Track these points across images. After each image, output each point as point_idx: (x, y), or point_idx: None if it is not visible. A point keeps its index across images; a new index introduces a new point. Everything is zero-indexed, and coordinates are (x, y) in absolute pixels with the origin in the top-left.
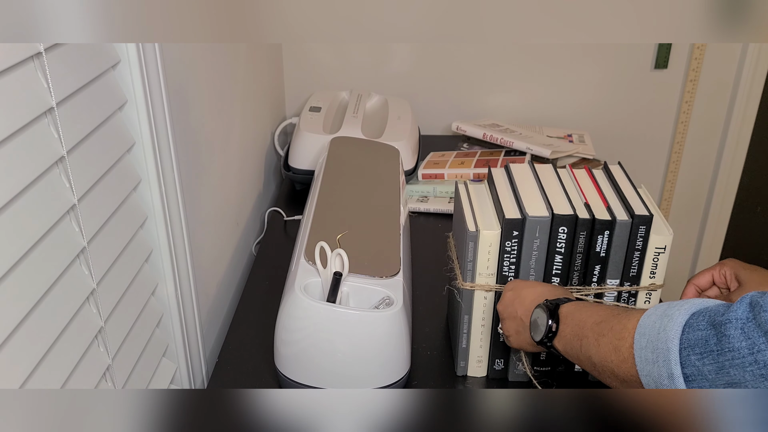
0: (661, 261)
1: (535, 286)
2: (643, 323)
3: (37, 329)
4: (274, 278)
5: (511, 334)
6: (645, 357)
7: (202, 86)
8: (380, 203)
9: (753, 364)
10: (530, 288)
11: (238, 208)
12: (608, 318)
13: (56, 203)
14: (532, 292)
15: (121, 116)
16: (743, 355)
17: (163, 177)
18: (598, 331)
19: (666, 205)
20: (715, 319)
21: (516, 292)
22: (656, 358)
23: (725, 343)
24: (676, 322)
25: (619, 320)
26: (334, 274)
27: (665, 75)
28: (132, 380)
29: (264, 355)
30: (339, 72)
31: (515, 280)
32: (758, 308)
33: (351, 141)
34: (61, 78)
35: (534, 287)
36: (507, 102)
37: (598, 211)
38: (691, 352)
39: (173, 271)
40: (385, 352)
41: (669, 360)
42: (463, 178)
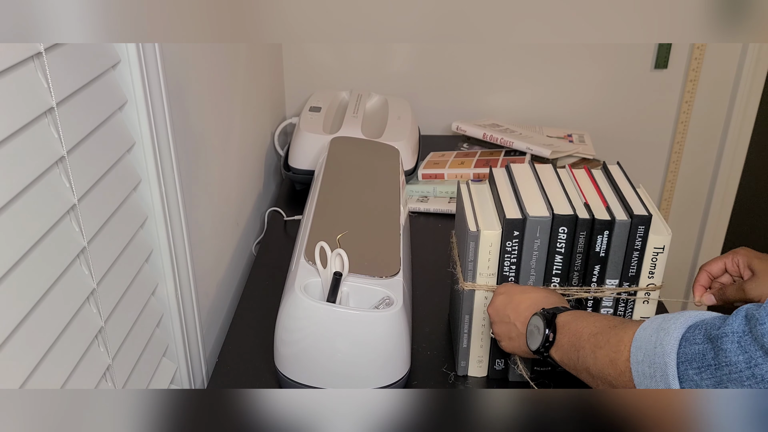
0: (660, 261)
1: (529, 291)
2: (639, 336)
3: (37, 329)
4: (274, 278)
5: (503, 338)
6: (642, 371)
7: (202, 86)
8: (380, 203)
9: (750, 378)
10: (524, 294)
11: (238, 208)
12: (605, 329)
13: (56, 203)
14: (526, 298)
15: (121, 116)
16: (740, 369)
17: (163, 177)
18: (594, 343)
19: (666, 205)
20: (712, 333)
21: (508, 296)
22: (653, 372)
23: (722, 357)
24: (672, 336)
25: (615, 332)
26: (334, 274)
27: (665, 75)
28: (132, 380)
29: (264, 355)
30: (339, 72)
31: (506, 284)
32: (754, 321)
33: (351, 141)
34: (61, 78)
35: (528, 293)
36: (507, 102)
37: (597, 211)
38: (689, 366)
39: (173, 271)
40: (385, 352)
41: (667, 375)
42: (463, 178)
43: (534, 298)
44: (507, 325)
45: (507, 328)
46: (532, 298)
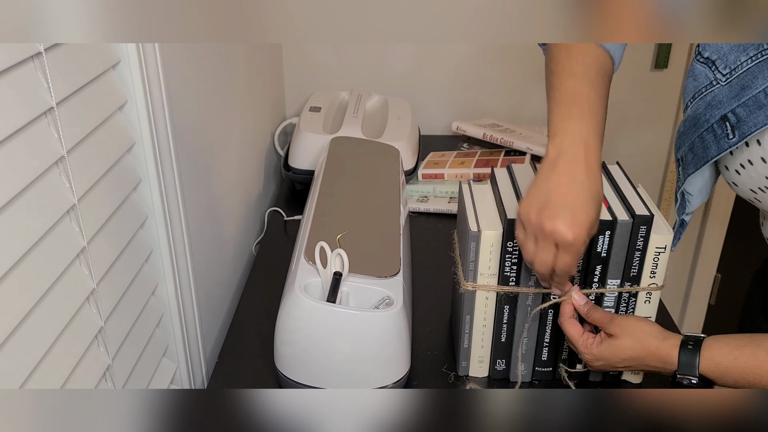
0: (662, 261)
1: (622, 353)
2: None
3: (37, 329)
4: (274, 278)
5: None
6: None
7: (202, 86)
8: (380, 203)
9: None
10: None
11: (238, 208)
12: None
13: (56, 203)
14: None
15: (121, 116)
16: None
17: (163, 177)
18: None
19: (666, 205)
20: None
21: (607, 362)
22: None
23: None
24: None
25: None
26: (334, 274)
27: (665, 75)
28: (132, 380)
29: (264, 355)
30: (339, 72)
31: (593, 351)
32: None
33: (351, 141)
34: (61, 78)
35: (623, 356)
36: (507, 102)
37: None
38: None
39: (173, 271)
40: (385, 352)
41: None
42: (463, 178)
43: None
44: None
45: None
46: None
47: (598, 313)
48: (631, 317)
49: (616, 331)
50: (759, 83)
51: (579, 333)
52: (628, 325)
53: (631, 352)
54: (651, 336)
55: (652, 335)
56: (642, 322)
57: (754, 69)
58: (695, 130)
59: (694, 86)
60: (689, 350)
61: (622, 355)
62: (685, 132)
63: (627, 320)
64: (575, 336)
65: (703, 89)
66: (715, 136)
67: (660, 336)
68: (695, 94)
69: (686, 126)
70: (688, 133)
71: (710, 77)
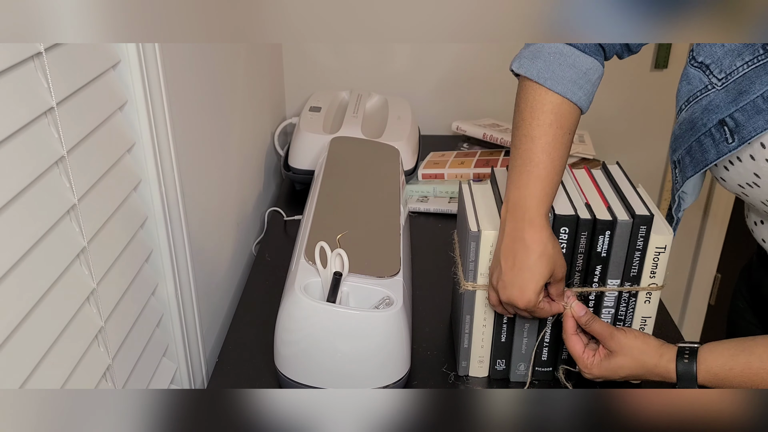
0: (662, 261)
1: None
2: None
3: (37, 329)
4: (274, 278)
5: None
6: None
7: (203, 86)
8: (380, 203)
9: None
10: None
11: (238, 208)
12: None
13: (56, 203)
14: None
15: (121, 116)
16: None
17: (163, 177)
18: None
19: (666, 205)
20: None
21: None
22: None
23: None
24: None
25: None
26: (334, 274)
27: (665, 75)
28: (132, 380)
29: (264, 355)
30: (339, 72)
31: (591, 368)
32: None
33: (351, 141)
34: (61, 78)
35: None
36: (507, 102)
37: (599, 212)
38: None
39: (173, 271)
40: (385, 352)
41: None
42: (463, 178)
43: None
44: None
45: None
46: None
47: (598, 324)
48: (629, 333)
49: (615, 347)
50: (756, 88)
51: (580, 352)
52: (626, 343)
53: (629, 371)
54: (647, 354)
55: (648, 354)
56: (638, 339)
57: (750, 74)
58: (692, 134)
59: (688, 90)
60: (686, 363)
61: (622, 374)
62: (681, 135)
63: (625, 338)
64: (576, 355)
65: (698, 93)
66: (713, 140)
67: (656, 353)
68: (689, 98)
69: (682, 129)
70: (684, 137)
71: (705, 81)
